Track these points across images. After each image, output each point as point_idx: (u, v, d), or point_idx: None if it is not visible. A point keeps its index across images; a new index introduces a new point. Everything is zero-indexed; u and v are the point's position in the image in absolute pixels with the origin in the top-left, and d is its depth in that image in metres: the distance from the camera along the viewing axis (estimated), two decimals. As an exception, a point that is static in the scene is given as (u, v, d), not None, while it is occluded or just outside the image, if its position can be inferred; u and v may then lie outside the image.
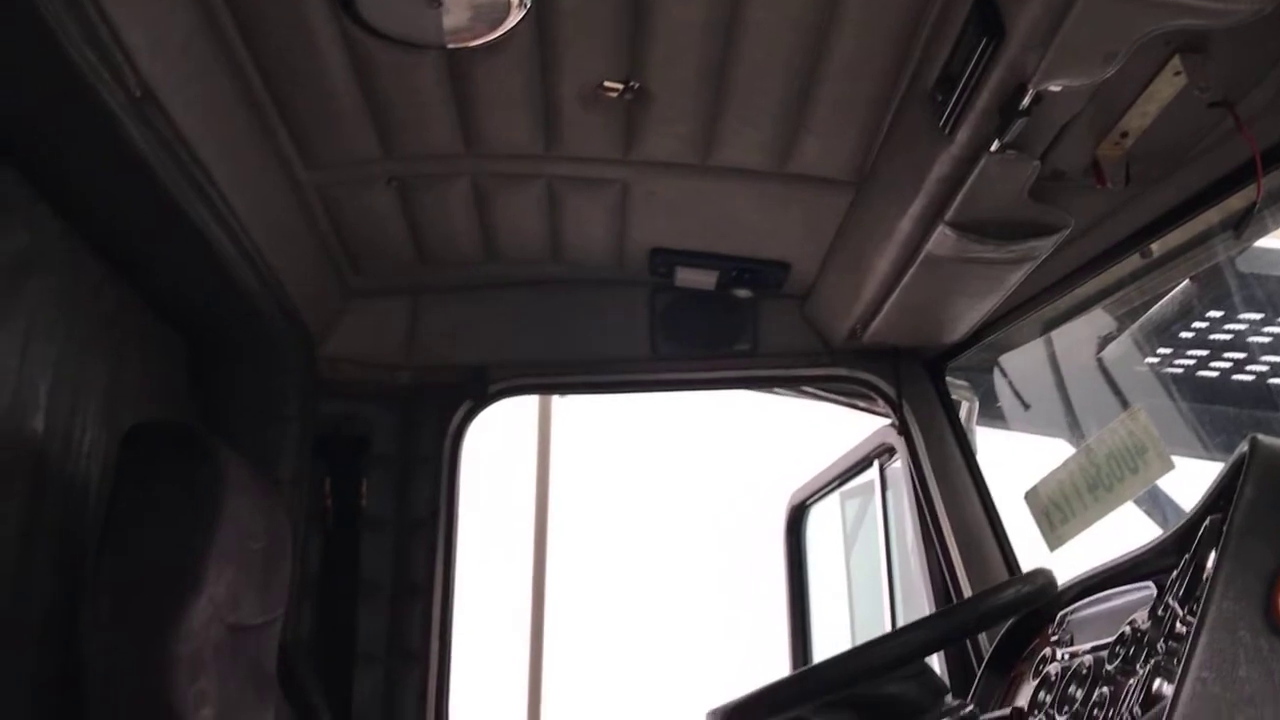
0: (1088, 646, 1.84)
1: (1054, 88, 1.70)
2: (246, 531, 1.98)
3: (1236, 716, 1.22)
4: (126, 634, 1.74)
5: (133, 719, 1.71)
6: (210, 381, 2.51)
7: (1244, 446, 1.36)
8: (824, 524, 3.75)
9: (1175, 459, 2.19)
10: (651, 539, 7.81)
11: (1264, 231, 2.29)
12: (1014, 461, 3.09)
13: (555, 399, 7.10)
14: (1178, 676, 1.25)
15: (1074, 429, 3.37)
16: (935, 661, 2.63)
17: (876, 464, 3.20)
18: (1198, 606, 1.31)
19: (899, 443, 2.90)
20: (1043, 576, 1.87)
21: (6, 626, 1.80)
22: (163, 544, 1.81)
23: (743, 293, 2.83)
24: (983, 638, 2.50)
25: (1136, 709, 1.47)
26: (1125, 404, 3.26)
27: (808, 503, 3.70)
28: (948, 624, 1.90)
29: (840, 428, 3.60)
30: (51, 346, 1.93)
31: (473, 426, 2.94)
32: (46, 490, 1.93)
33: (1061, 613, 2.05)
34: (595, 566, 7.68)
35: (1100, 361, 3.28)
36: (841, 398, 3.22)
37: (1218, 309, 3.00)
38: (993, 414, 3.42)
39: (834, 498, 3.63)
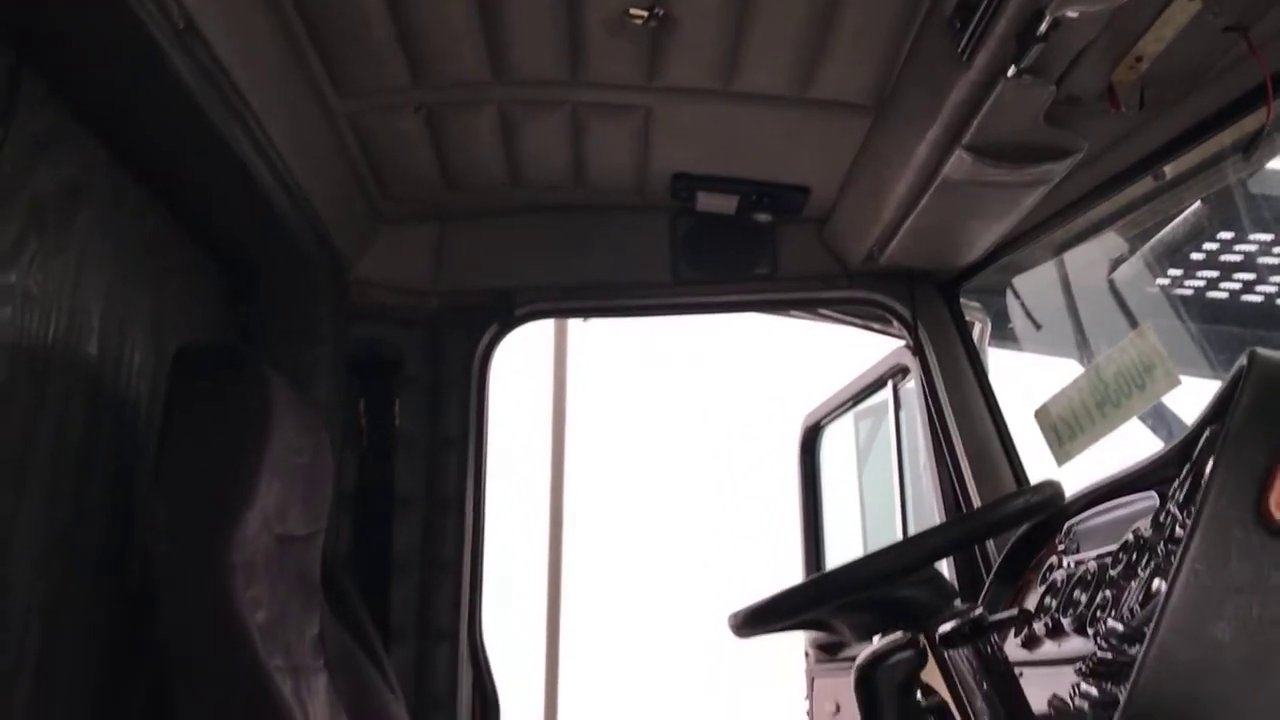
0: (1093, 554, 1.92)
1: (1071, 13, 1.73)
2: (292, 446, 2.06)
3: (1226, 605, 1.30)
4: (185, 542, 1.80)
5: (197, 624, 1.78)
6: (246, 306, 2.57)
7: (1243, 359, 1.44)
8: (838, 443, 3.83)
9: (1183, 378, 2.25)
10: (668, 461, 7.92)
11: (1274, 154, 2.33)
12: (1025, 380, 3.15)
13: (571, 322, 7.17)
14: (1173, 571, 1.34)
15: (1084, 349, 3.43)
16: (946, 572, 2.72)
17: (890, 384, 3.26)
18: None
19: (913, 363, 2.96)
20: (1051, 488, 1.92)
21: (70, 536, 1.90)
22: (216, 458, 1.88)
23: (762, 217, 2.86)
24: (991, 549, 2.60)
25: (1135, 606, 1.56)
26: (1135, 325, 3.31)
27: (822, 423, 3.78)
28: (959, 530, 1.99)
29: (841, 352, 3.66)
30: (101, 274, 1.99)
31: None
32: (101, 411, 2.01)
33: (1068, 523, 2.13)
34: (611, 483, 7.80)
35: (1111, 283, 3.32)
36: (857, 320, 3.27)
37: (1228, 230, 3.04)
38: (1005, 335, 3.48)
39: (848, 418, 3.71)
